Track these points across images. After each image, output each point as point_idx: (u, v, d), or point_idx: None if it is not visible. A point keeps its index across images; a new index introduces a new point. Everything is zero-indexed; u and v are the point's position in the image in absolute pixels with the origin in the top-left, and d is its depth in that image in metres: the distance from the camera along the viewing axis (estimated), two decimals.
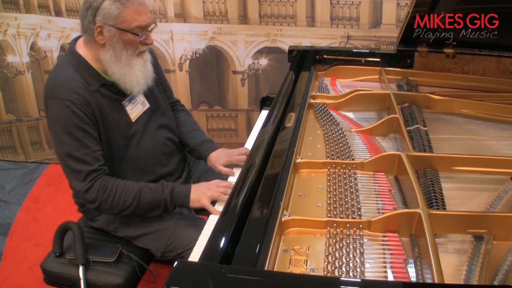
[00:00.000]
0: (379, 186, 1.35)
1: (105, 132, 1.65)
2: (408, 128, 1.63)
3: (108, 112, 1.66)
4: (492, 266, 1.09)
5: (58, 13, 3.01)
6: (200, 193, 1.64)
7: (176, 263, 0.92)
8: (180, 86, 3.06)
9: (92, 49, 1.64)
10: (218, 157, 1.88)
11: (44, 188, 3.18)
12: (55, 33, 3.08)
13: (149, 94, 1.81)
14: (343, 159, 1.46)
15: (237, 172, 1.81)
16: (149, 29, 1.63)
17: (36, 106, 3.32)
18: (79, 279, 1.65)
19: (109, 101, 1.66)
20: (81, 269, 1.65)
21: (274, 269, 1.06)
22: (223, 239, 1.09)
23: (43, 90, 1.64)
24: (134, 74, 1.66)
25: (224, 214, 1.24)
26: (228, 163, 1.86)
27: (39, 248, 2.60)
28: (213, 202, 1.64)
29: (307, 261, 1.09)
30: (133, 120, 1.74)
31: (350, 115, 1.83)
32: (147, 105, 1.81)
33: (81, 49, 1.66)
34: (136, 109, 1.76)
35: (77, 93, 1.57)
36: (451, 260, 1.12)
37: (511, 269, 1.07)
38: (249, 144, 1.94)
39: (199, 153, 1.95)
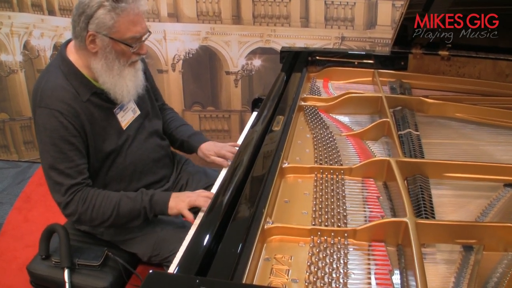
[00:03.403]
0: (367, 192, 1.32)
1: (94, 142, 1.62)
2: (399, 133, 1.60)
3: (99, 121, 1.62)
4: (482, 277, 1.06)
5: (51, 12, 2.98)
6: (179, 200, 1.61)
7: (149, 272, 0.89)
8: (173, 87, 3.03)
9: (83, 56, 1.59)
10: (208, 148, 1.91)
11: (36, 188, 3.15)
12: (48, 32, 3.05)
13: (140, 101, 1.78)
14: (331, 164, 1.43)
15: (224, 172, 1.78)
16: (143, 39, 1.59)
17: (29, 105, 3.29)
18: (64, 282, 1.62)
19: (100, 110, 1.63)
20: (66, 272, 1.63)
21: (255, 279, 1.03)
22: (202, 247, 1.05)
23: (31, 96, 1.60)
24: (125, 84, 1.62)
25: (207, 215, 1.20)
26: (218, 155, 1.87)
27: (29, 248, 2.56)
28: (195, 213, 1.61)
29: (288, 270, 1.06)
30: (124, 128, 1.71)
31: (341, 118, 1.79)
32: (138, 112, 1.78)
33: (72, 55, 1.61)
34: (127, 116, 1.73)
35: (66, 103, 1.53)
36: (439, 270, 1.09)
37: (501, 281, 1.04)
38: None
39: (189, 145, 1.95)
